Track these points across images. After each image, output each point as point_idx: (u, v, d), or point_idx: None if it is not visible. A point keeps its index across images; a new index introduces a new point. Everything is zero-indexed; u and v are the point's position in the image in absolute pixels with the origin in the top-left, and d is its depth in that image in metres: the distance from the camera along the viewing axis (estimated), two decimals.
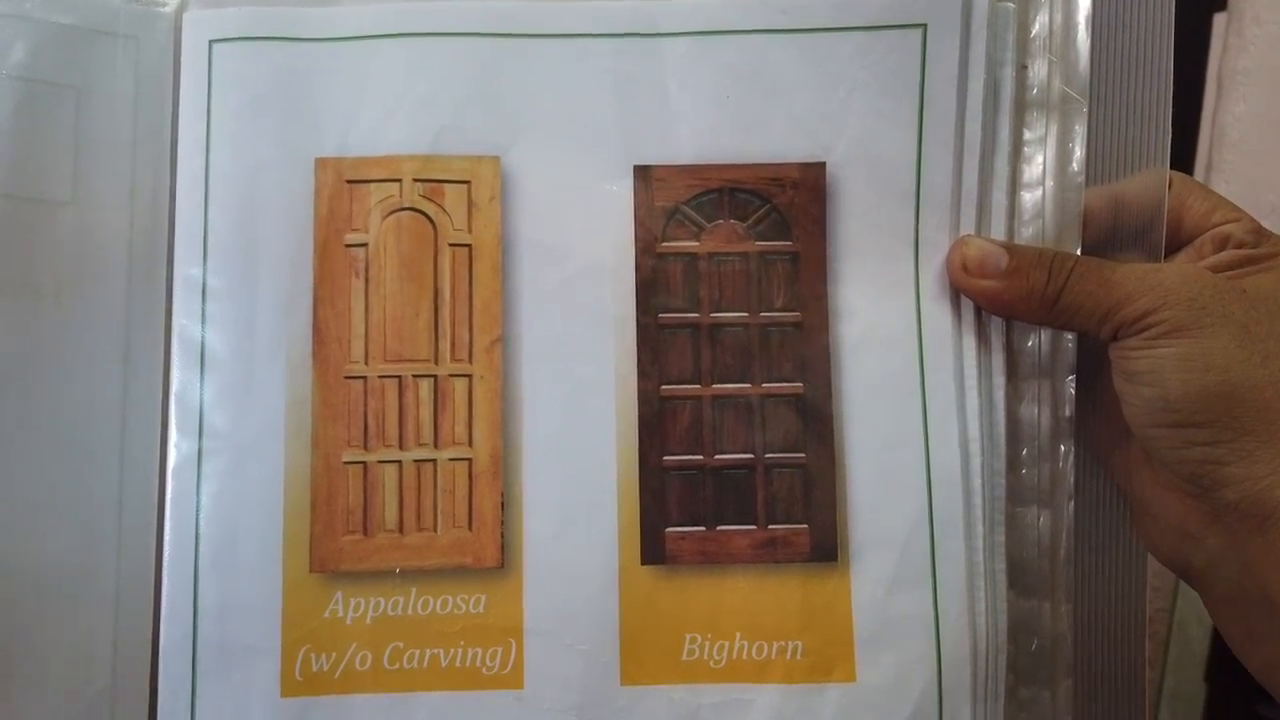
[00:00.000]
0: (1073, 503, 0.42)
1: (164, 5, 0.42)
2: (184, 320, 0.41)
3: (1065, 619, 0.42)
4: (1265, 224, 0.41)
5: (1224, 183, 0.72)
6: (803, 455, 0.41)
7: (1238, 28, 0.73)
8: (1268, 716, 0.79)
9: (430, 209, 0.41)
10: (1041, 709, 0.42)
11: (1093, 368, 0.42)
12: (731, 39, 0.41)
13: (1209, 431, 0.36)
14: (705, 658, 0.40)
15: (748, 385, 0.41)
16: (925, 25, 0.41)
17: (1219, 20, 0.75)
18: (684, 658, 0.40)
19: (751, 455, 0.41)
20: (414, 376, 0.41)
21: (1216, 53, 0.74)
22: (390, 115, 0.42)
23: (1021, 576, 0.42)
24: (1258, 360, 0.36)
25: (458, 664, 0.40)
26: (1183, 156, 0.72)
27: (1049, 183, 0.42)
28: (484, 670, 0.40)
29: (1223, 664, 0.82)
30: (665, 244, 0.42)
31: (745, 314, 0.42)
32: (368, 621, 0.40)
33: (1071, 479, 0.42)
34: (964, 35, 0.41)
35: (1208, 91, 0.74)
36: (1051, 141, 0.42)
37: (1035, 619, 0.42)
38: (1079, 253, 0.41)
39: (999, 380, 0.41)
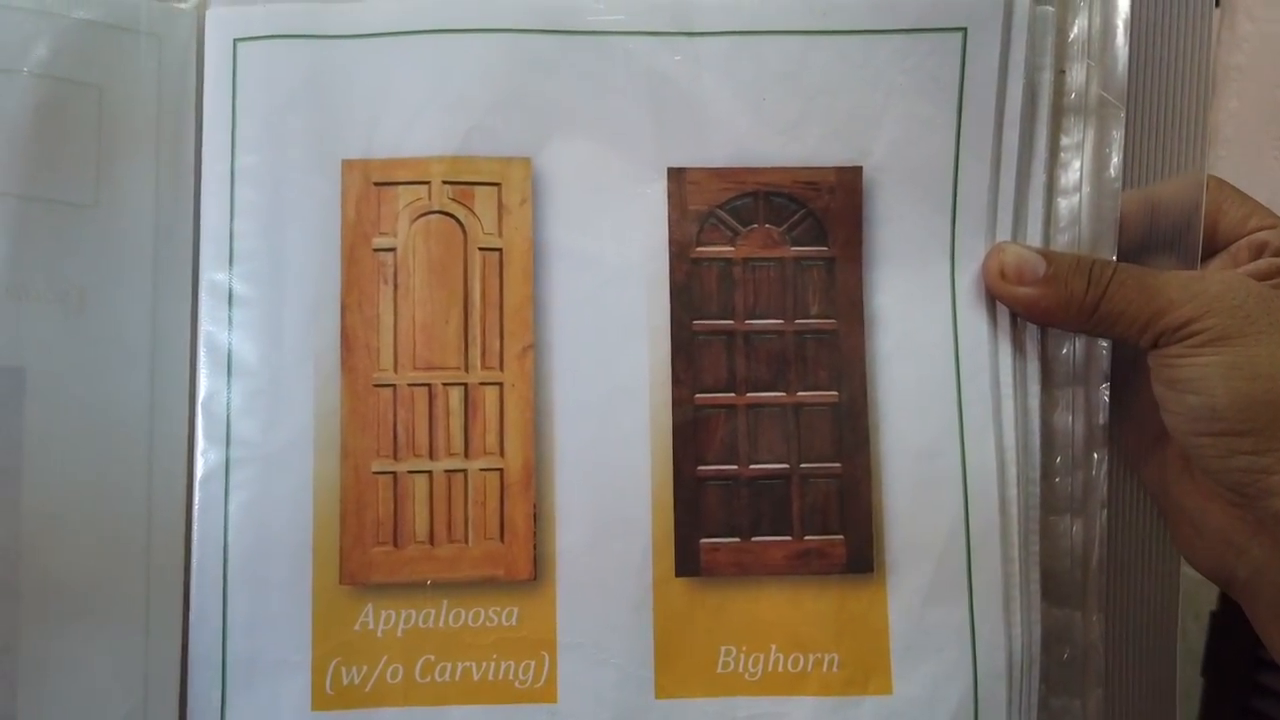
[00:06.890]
0: (1105, 511, 0.42)
1: (185, 1, 0.41)
2: (210, 326, 0.40)
3: (1097, 628, 0.42)
4: None
5: None
6: (838, 465, 0.40)
7: (1230, 23, 0.72)
8: (1264, 712, 0.79)
9: (460, 212, 0.41)
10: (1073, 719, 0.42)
11: (1126, 375, 0.41)
12: (770, 40, 0.41)
13: (1255, 440, 0.35)
14: (741, 670, 0.40)
15: (783, 394, 0.41)
16: (965, 29, 0.40)
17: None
18: (719, 670, 0.40)
19: (787, 465, 0.41)
20: (444, 385, 0.40)
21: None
22: (418, 115, 0.41)
23: (1054, 586, 0.41)
24: None
25: (490, 677, 0.39)
26: None
27: (1085, 188, 0.41)
28: (517, 684, 0.39)
29: (1219, 659, 0.83)
30: (700, 249, 0.41)
31: (781, 321, 0.41)
32: (399, 634, 0.39)
33: (1104, 487, 0.42)
34: (1004, 39, 0.40)
35: None
36: (1088, 147, 0.41)
37: (1067, 629, 0.42)
38: (1114, 259, 0.40)
39: (1034, 388, 0.41)
